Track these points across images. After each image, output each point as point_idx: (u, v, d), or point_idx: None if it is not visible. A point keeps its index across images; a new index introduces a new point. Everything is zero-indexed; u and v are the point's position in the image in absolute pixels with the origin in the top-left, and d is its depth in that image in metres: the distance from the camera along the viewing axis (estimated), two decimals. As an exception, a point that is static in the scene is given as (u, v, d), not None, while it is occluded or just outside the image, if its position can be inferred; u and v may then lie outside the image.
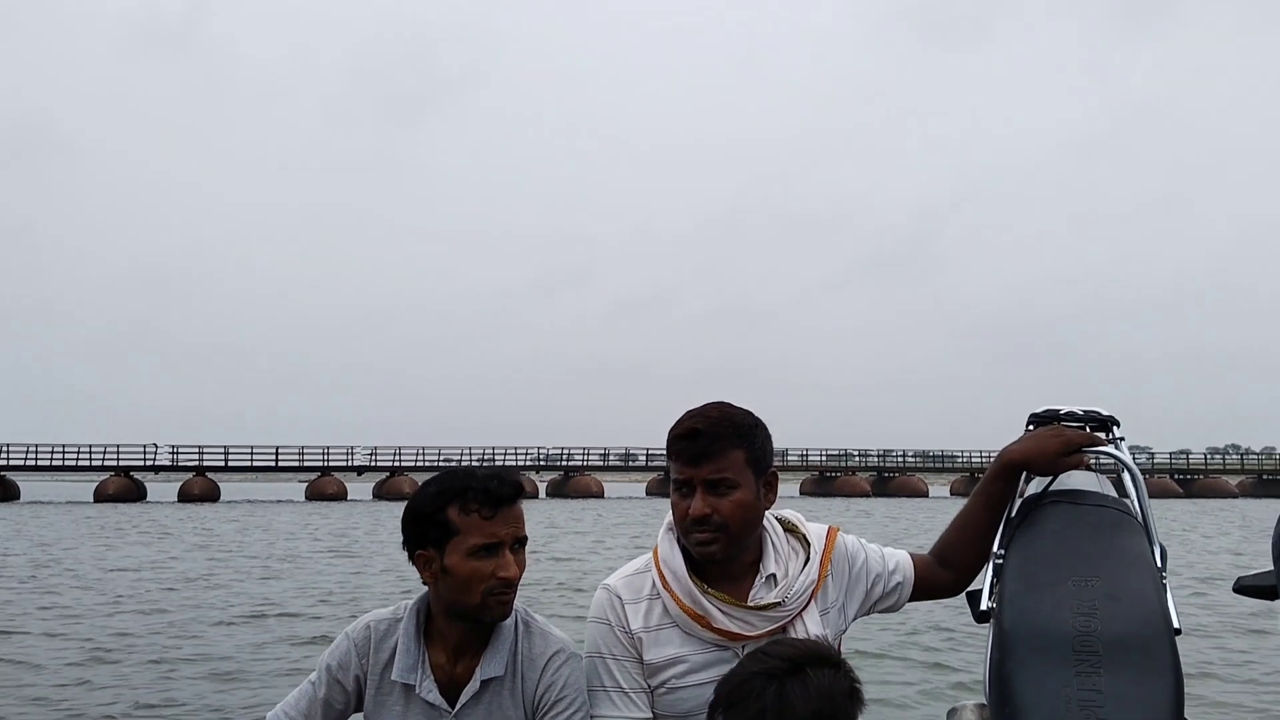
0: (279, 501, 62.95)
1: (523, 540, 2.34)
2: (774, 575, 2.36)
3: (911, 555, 2.54)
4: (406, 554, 2.36)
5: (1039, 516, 2.33)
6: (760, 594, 2.34)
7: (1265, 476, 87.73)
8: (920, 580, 2.50)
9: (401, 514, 2.37)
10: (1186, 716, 2.00)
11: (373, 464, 75.02)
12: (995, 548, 2.36)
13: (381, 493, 69.99)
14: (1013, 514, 2.41)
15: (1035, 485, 2.43)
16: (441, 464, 79.14)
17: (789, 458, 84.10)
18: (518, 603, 2.39)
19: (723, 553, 2.31)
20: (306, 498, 67.43)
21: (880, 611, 2.52)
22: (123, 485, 65.66)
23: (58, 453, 69.62)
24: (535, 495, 72.59)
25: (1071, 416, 2.52)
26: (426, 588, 2.38)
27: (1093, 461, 2.43)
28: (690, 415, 2.32)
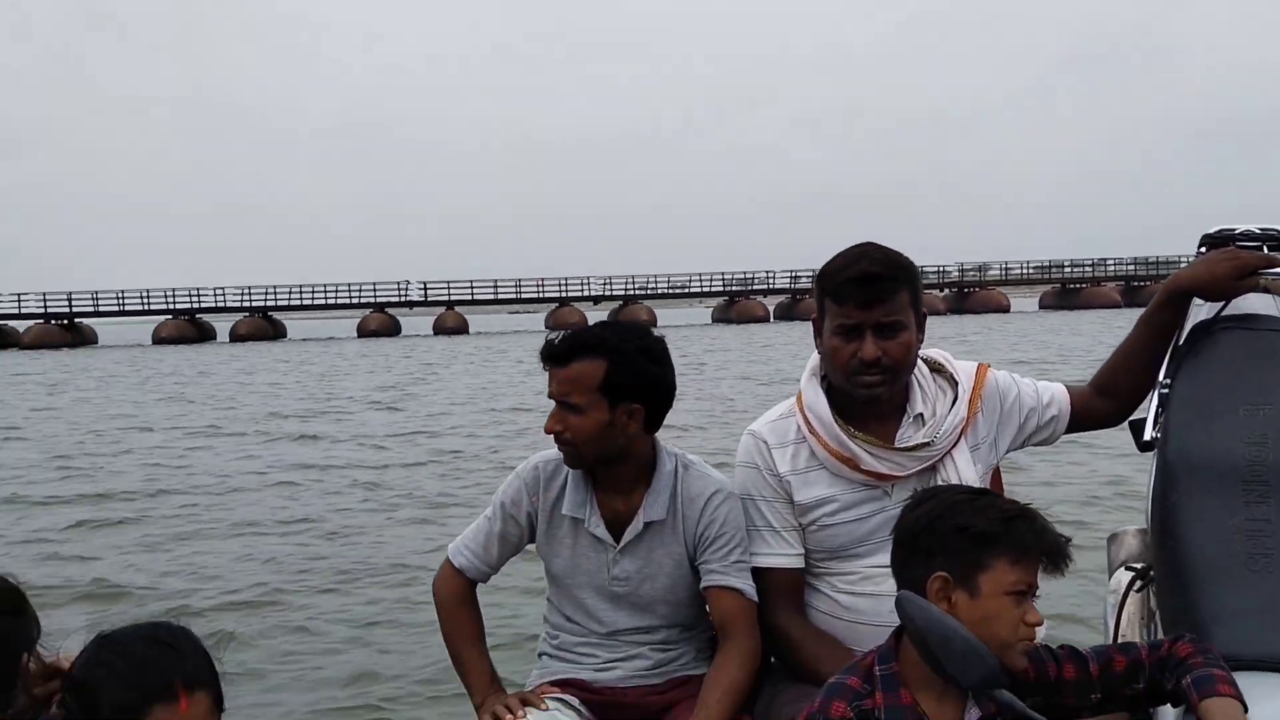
0: (520, 332, 65.68)
1: (568, 403, 2.39)
2: (921, 415, 2.40)
3: (1067, 387, 2.52)
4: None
5: (1209, 343, 2.27)
6: (908, 434, 2.38)
7: None
8: (1077, 411, 2.49)
9: None
10: None
11: (607, 293, 77.02)
12: (1161, 376, 2.31)
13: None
14: (1180, 342, 2.34)
15: (1206, 311, 2.35)
16: (676, 291, 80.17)
17: (1029, 269, 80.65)
18: (675, 447, 2.54)
19: (888, 395, 2.36)
20: (546, 327, 69.74)
21: (1036, 444, 2.54)
22: (381, 321, 69.68)
23: (319, 292, 74.46)
24: (767, 319, 72.90)
25: (1248, 236, 2.40)
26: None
27: (1268, 283, 2.32)
28: (858, 258, 2.32)
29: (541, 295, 76.70)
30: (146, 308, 71.24)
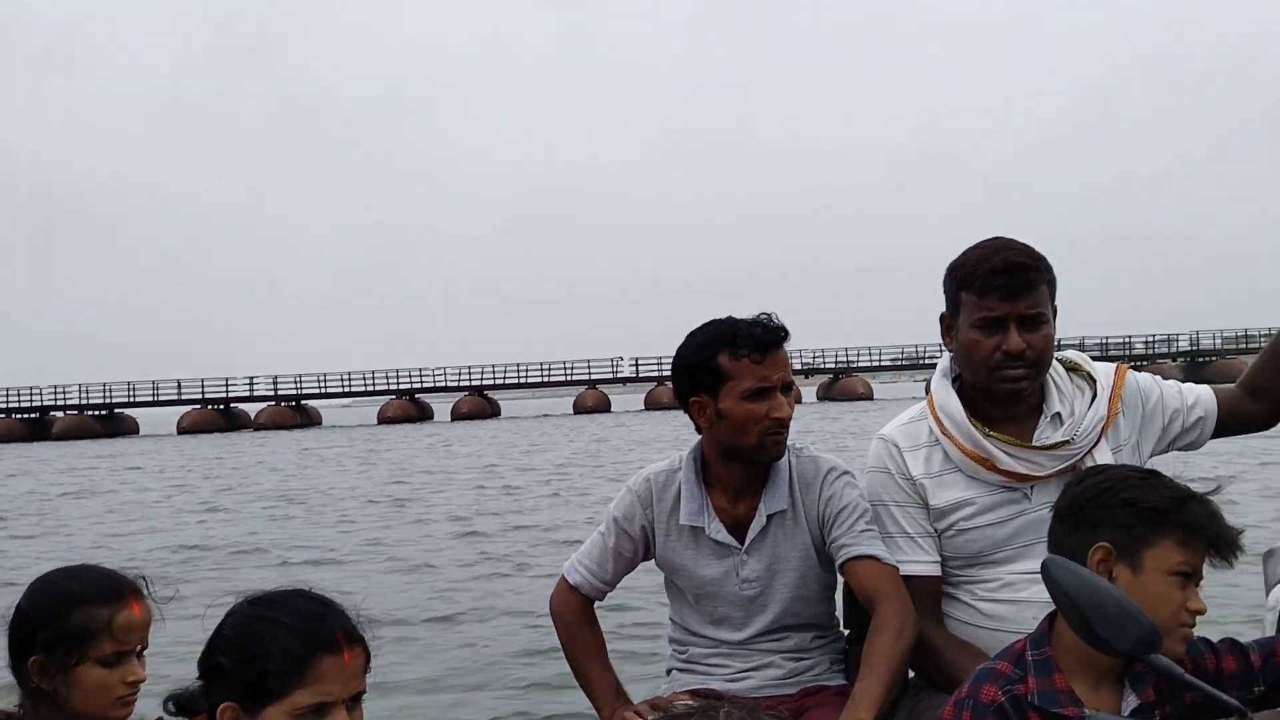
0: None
1: (790, 384, 2.40)
2: (1059, 414, 2.34)
3: (1215, 389, 2.43)
4: (679, 403, 2.46)
5: None
6: (1046, 434, 2.32)
7: None
8: (1225, 414, 2.40)
9: (671, 364, 2.51)
10: None
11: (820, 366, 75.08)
12: None
13: (831, 394, 70.35)
14: None
15: None
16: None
17: (1155, 344, 74.79)
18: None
19: (1030, 390, 2.31)
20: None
21: (1181, 448, 2.44)
22: (598, 398, 70.12)
23: (534, 370, 75.71)
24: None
25: None
26: (700, 437, 2.50)
27: None
28: (1000, 249, 2.28)
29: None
30: (371, 389, 74.29)
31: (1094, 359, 2.41)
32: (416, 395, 73.02)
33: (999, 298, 2.23)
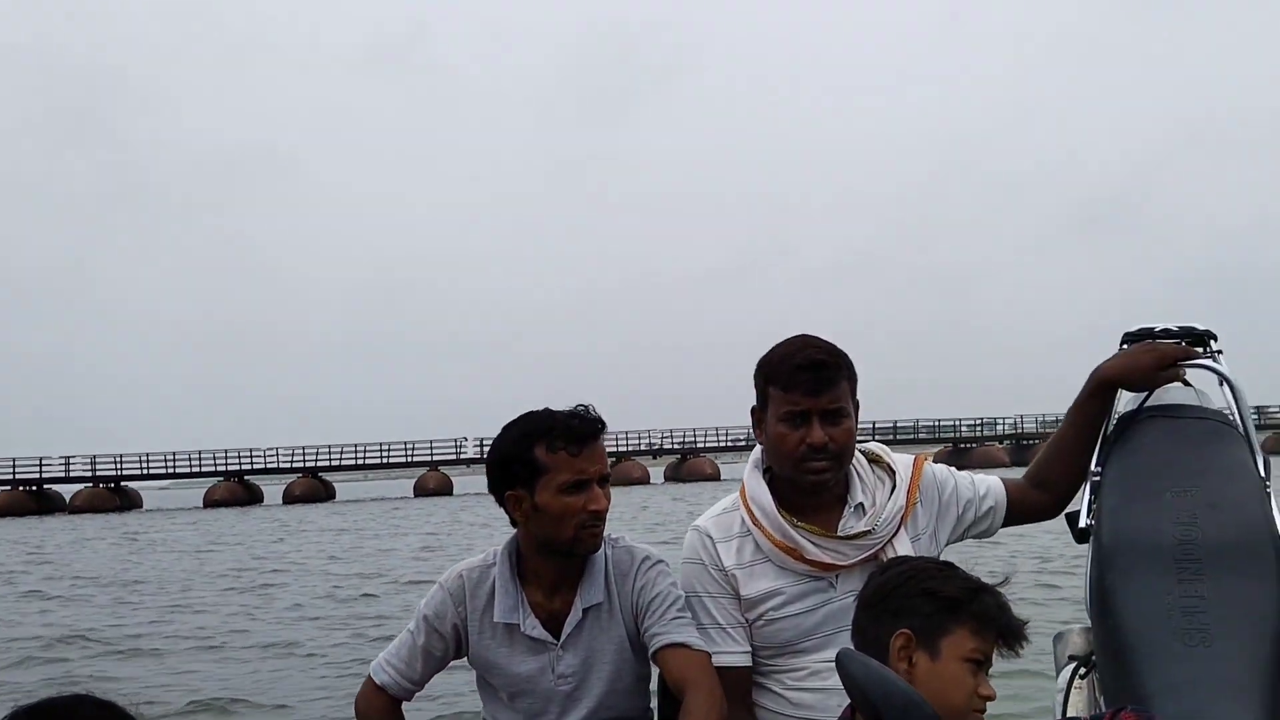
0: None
1: (607, 477, 2.40)
2: (862, 504, 2.40)
3: (1004, 480, 2.53)
4: (495, 497, 2.44)
5: (1136, 432, 2.31)
6: (850, 524, 2.38)
7: None
8: (1014, 503, 2.50)
9: (486, 457, 2.50)
10: None
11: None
12: (1093, 465, 2.34)
13: (679, 475, 69.94)
14: (1109, 431, 2.38)
15: (1131, 402, 2.39)
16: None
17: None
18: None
19: (834, 481, 2.37)
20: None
21: (974, 536, 2.53)
22: (440, 480, 67.80)
23: (373, 450, 73.19)
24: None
25: (1167, 333, 2.43)
26: (515, 530, 2.47)
27: (1188, 375, 2.36)
28: (803, 346, 2.36)
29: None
30: (197, 470, 70.62)
31: (924, 441, 2.46)
32: (246, 477, 69.57)
33: (802, 393, 2.31)
